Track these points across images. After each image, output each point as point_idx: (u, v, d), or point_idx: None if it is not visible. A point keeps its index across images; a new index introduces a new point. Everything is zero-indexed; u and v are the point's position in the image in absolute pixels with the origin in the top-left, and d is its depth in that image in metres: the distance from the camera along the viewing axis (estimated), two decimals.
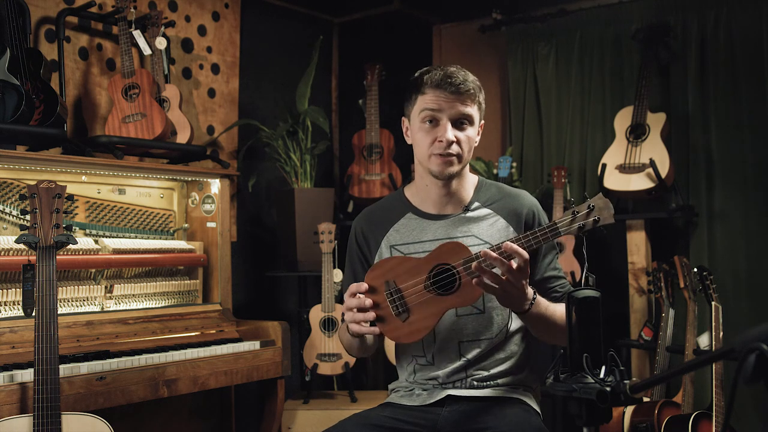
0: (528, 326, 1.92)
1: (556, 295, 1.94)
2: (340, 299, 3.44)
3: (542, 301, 1.80)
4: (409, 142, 1.98)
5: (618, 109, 3.66)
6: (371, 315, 1.77)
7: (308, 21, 4.34)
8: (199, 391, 2.69)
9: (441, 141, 1.85)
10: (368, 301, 1.77)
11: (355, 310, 1.79)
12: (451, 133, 1.85)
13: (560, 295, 1.94)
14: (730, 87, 3.51)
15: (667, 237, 3.67)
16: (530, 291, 1.74)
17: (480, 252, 1.66)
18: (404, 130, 1.99)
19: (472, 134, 1.90)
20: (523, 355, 1.96)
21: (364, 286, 1.79)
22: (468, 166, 1.97)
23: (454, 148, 1.86)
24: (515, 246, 1.64)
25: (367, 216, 2.07)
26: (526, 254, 1.65)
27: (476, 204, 1.96)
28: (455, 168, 1.88)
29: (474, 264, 1.66)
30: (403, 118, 1.98)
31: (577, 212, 1.66)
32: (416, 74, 1.92)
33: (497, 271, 1.66)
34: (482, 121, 1.95)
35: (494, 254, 1.64)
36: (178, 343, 2.77)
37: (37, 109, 2.68)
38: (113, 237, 2.92)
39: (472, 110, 1.88)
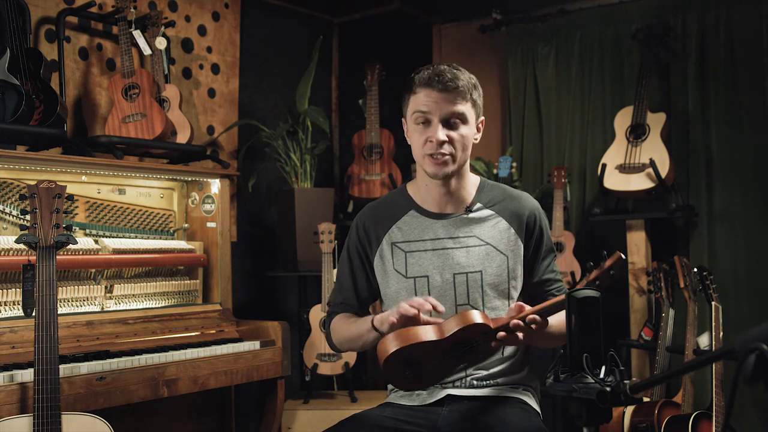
0: (533, 344, 1.92)
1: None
2: None
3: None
4: (409, 142, 1.98)
5: (618, 109, 3.66)
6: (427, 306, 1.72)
7: (308, 21, 4.34)
8: (199, 391, 2.69)
9: (432, 141, 1.85)
10: (427, 306, 1.71)
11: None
12: (441, 133, 1.84)
13: None
14: (730, 87, 3.51)
15: (667, 237, 3.67)
16: None
17: (498, 335, 1.66)
18: (405, 131, 1.99)
19: (467, 132, 1.88)
20: (522, 355, 1.96)
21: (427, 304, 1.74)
22: (468, 166, 1.97)
23: (447, 148, 1.85)
24: (538, 318, 1.64)
25: (371, 211, 2.06)
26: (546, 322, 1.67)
27: (478, 205, 1.96)
28: (449, 168, 1.87)
29: (495, 343, 1.67)
30: (402, 119, 1.98)
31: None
32: (411, 74, 1.91)
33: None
34: (482, 118, 1.94)
35: (520, 335, 1.65)
36: (178, 343, 2.77)
37: (37, 109, 2.68)
38: (113, 237, 2.92)
39: (464, 108, 1.86)
